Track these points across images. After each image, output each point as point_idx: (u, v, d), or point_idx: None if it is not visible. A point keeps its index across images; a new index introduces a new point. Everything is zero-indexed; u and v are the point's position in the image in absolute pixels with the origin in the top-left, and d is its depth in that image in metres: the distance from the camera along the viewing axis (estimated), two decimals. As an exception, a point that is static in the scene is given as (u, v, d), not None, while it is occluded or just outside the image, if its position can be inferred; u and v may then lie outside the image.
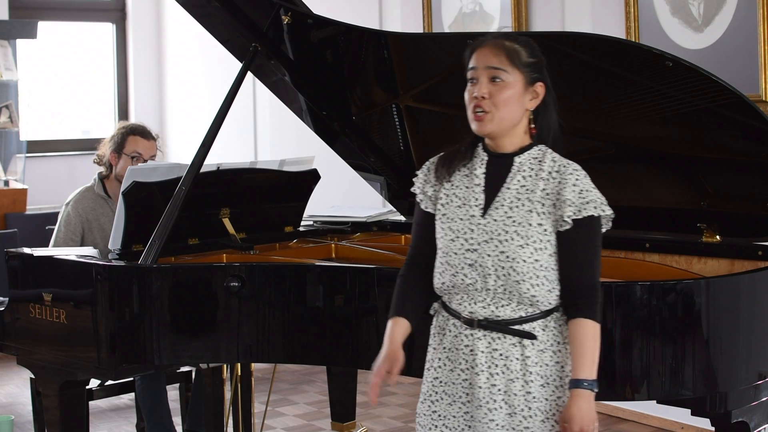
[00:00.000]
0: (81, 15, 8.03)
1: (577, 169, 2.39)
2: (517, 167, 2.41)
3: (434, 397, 2.47)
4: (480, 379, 2.37)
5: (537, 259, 2.34)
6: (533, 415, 2.35)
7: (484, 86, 2.37)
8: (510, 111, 2.38)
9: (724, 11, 4.35)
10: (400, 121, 3.81)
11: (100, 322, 3.25)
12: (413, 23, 5.82)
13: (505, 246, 2.34)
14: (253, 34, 3.75)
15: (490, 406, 2.36)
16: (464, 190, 2.44)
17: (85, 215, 4.15)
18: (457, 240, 2.40)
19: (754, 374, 2.82)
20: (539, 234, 2.35)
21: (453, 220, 2.43)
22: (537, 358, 2.36)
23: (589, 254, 2.39)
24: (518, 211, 2.36)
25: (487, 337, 2.37)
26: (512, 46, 2.40)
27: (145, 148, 4.19)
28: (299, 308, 3.24)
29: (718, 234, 3.27)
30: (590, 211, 2.35)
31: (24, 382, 5.63)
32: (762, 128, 2.86)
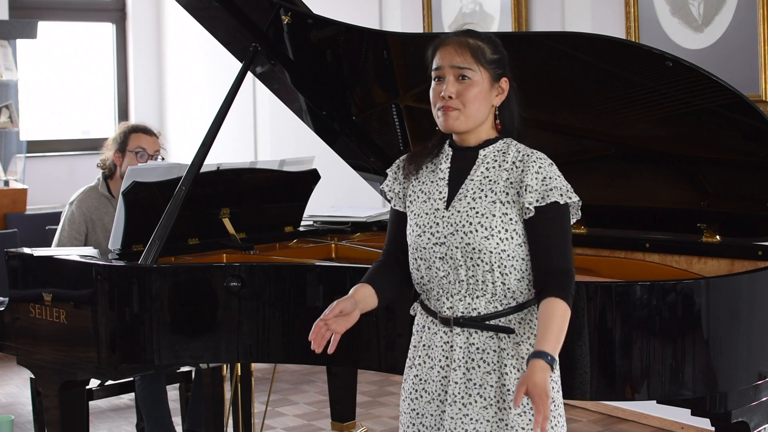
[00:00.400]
0: (81, 15, 8.03)
1: (541, 158, 2.39)
2: (481, 159, 2.43)
3: (414, 395, 2.47)
4: (456, 375, 2.37)
5: (504, 249, 2.34)
6: (508, 407, 2.34)
7: (451, 85, 2.38)
8: (477, 108, 2.39)
9: (724, 11, 4.35)
10: (400, 121, 3.81)
11: (100, 322, 3.25)
12: (413, 23, 5.82)
13: (470, 237, 2.35)
14: (253, 34, 3.75)
15: (464, 401, 2.36)
16: (429, 184, 2.46)
17: (89, 214, 4.16)
18: (424, 235, 2.42)
19: (754, 374, 2.82)
20: (504, 224, 2.35)
21: (419, 215, 2.45)
22: (513, 351, 2.36)
23: (557, 240, 2.35)
24: (481, 202, 2.37)
25: (465, 332, 2.38)
26: (476, 43, 2.41)
27: (148, 144, 4.22)
28: (299, 308, 3.24)
29: (718, 234, 3.27)
30: (554, 198, 2.34)
31: (24, 382, 5.63)
32: (762, 128, 2.86)
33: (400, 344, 3.06)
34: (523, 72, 2.49)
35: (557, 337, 2.29)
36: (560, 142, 2.53)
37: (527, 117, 2.50)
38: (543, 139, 2.52)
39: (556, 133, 3.26)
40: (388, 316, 3.07)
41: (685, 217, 3.29)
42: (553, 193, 2.34)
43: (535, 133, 2.51)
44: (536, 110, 2.51)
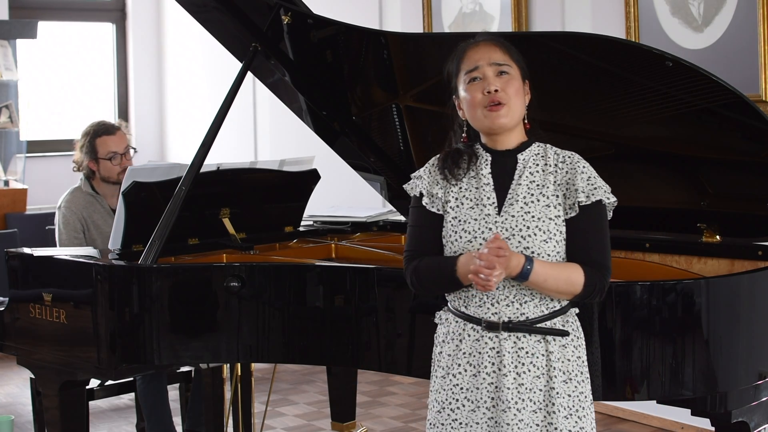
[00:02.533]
0: (81, 15, 8.03)
1: (581, 158, 2.44)
2: (522, 164, 2.43)
3: (454, 405, 2.41)
4: (507, 380, 2.34)
5: (558, 251, 2.36)
6: (557, 410, 2.34)
7: (495, 80, 2.38)
8: (519, 104, 2.41)
9: (724, 11, 4.35)
10: (400, 121, 3.81)
11: (100, 322, 3.25)
12: (413, 23, 5.82)
13: (528, 242, 2.34)
14: (253, 34, 3.75)
15: (518, 407, 2.34)
16: (474, 191, 2.43)
17: (80, 213, 4.19)
18: (475, 240, 2.38)
19: (754, 374, 2.82)
20: (557, 226, 2.37)
21: (466, 221, 2.40)
22: (559, 354, 2.37)
23: (597, 236, 2.39)
24: (535, 207, 2.37)
25: (513, 337, 2.36)
26: (507, 44, 2.45)
27: (116, 144, 4.22)
28: (299, 308, 3.24)
29: (718, 234, 3.27)
30: (598, 196, 2.38)
31: (24, 382, 5.63)
32: (762, 128, 2.85)
33: (400, 344, 3.07)
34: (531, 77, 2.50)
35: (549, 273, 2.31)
36: (560, 142, 2.52)
37: None
38: (543, 139, 2.51)
39: (556, 133, 3.25)
40: (388, 316, 3.07)
41: (685, 217, 3.29)
42: (598, 192, 2.38)
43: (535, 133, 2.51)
44: (536, 110, 2.51)
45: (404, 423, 4.94)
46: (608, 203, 2.41)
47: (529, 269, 2.29)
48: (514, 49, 2.45)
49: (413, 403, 5.24)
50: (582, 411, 2.38)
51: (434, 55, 3.59)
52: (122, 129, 4.33)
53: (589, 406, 2.41)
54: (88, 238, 4.17)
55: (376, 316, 3.08)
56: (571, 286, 2.35)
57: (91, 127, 4.30)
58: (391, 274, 3.10)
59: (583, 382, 2.40)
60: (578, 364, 2.40)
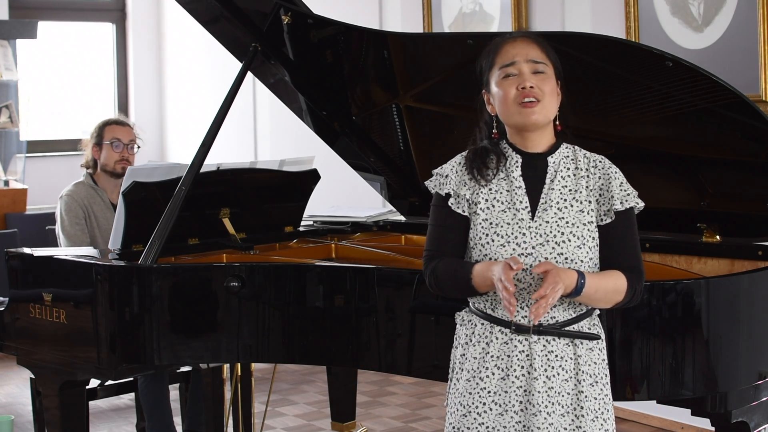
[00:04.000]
0: (81, 15, 8.03)
1: (611, 163, 2.43)
2: (554, 167, 2.40)
3: (481, 408, 2.37)
4: (538, 383, 2.33)
5: (591, 257, 2.36)
6: (585, 414, 2.34)
7: (531, 77, 2.36)
8: (553, 103, 2.39)
9: (724, 11, 4.35)
10: (400, 121, 3.81)
11: (100, 322, 3.25)
12: (413, 23, 5.82)
13: (563, 248, 2.33)
14: (253, 34, 3.75)
15: (548, 410, 2.33)
16: (505, 193, 2.40)
17: (81, 201, 4.25)
18: (509, 245, 2.35)
19: (754, 374, 2.82)
20: (590, 232, 2.36)
21: (499, 225, 2.37)
22: (587, 357, 2.37)
23: (631, 242, 2.41)
24: (568, 212, 2.36)
25: (542, 340, 2.34)
26: (544, 42, 2.43)
27: (122, 134, 4.34)
28: (299, 308, 3.24)
29: (718, 234, 3.27)
30: (631, 203, 2.39)
31: (24, 382, 5.63)
32: (762, 128, 2.85)
33: (400, 344, 3.07)
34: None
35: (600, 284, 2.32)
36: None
37: None
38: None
39: (556, 133, 3.25)
40: (388, 316, 3.07)
41: (685, 217, 3.29)
42: (630, 198, 2.39)
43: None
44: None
45: (404, 423, 4.94)
46: (638, 208, 2.42)
47: (583, 283, 2.29)
48: (550, 48, 2.43)
49: (413, 403, 5.24)
50: (607, 413, 2.38)
51: (434, 55, 3.60)
52: (134, 127, 4.44)
53: (612, 408, 2.42)
54: (88, 228, 4.20)
55: (376, 316, 3.08)
56: (617, 294, 2.36)
57: (104, 119, 4.48)
58: (391, 274, 3.10)
59: (607, 385, 2.40)
60: (603, 366, 2.40)
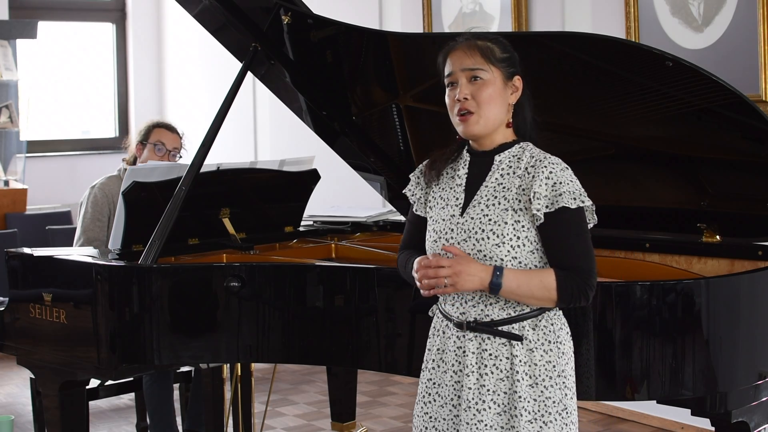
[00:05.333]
0: (81, 15, 8.04)
1: (553, 163, 2.37)
2: (497, 165, 2.43)
3: (427, 398, 2.48)
4: (470, 380, 2.37)
5: (515, 256, 2.34)
6: (519, 414, 2.33)
7: (465, 87, 2.39)
8: (494, 108, 2.40)
9: (724, 11, 4.35)
10: (400, 121, 3.81)
11: (100, 322, 3.25)
12: (413, 23, 5.82)
13: (481, 245, 2.35)
14: (253, 34, 3.75)
15: (479, 407, 2.36)
16: (447, 191, 2.48)
17: (111, 197, 4.17)
18: (439, 241, 2.43)
19: (754, 374, 2.82)
20: (516, 231, 2.35)
21: (436, 221, 2.46)
22: (526, 358, 2.35)
23: (570, 242, 2.34)
24: (494, 210, 2.37)
25: (477, 338, 2.38)
26: (484, 44, 2.43)
27: (168, 139, 4.27)
28: (299, 308, 3.24)
29: (718, 234, 3.27)
30: (563, 203, 2.32)
31: (24, 382, 5.63)
32: (762, 128, 2.86)
33: (400, 344, 3.07)
34: (523, 72, 2.49)
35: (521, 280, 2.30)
36: (560, 142, 2.53)
37: None
38: (543, 140, 2.51)
39: (556, 133, 3.25)
40: (388, 316, 3.07)
41: (685, 217, 3.29)
42: (563, 198, 2.32)
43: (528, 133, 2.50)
44: (536, 110, 2.51)
45: (404, 423, 4.94)
46: (584, 206, 2.35)
47: (500, 277, 2.30)
48: (496, 48, 2.42)
49: (413, 403, 5.23)
50: (548, 416, 2.35)
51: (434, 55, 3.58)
52: (182, 136, 4.37)
53: (559, 413, 2.36)
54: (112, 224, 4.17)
55: (376, 316, 3.08)
56: (547, 290, 2.32)
57: (156, 119, 4.42)
58: (391, 274, 3.10)
59: (552, 388, 2.36)
60: (547, 369, 2.36)
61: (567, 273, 2.33)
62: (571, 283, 2.32)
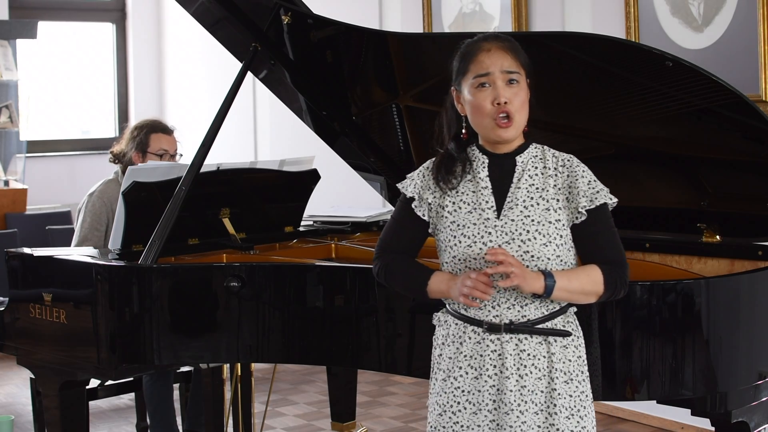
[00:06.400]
0: (81, 15, 8.04)
1: (580, 162, 2.43)
2: (521, 166, 2.41)
3: (456, 407, 2.40)
4: (510, 382, 2.34)
5: (558, 255, 2.36)
6: (558, 411, 2.34)
7: (504, 90, 2.35)
8: (524, 114, 2.40)
9: (724, 11, 4.35)
10: (400, 121, 3.81)
11: (100, 322, 3.25)
12: (413, 23, 5.82)
13: (528, 245, 2.34)
14: (253, 34, 3.75)
15: (521, 409, 2.34)
16: (471, 195, 2.42)
17: (110, 205, 4.14)
18: (475, 245, 2.36)
19: (754, 374, 2.82)
20: (557, 230, 2.36)
21: (466, 226, 2.39)
22: (561, 355, 2.37)
23: (607, 236, 2.41)
24: (534, 210, 2.37)
25: (514, 339, 2.35)
26: (515, 45, 2.42)
27: (169, 144, 4.23)
28: (299, 308, 3.24)
29: (718, 234, 3.27)
30: (602, 199, 2.39)
31: (24, 382, 5.63)
32: (762, 128, 2.86)
33: (400, 344, 3.07)
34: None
35: (572, 277, 2.33)
36: (560, 143, 2.53)
37: None
38: (543, 140, 2.51)
39: (556, 133, 3.26)
40: (388, 316, 3.07)
41: (685, 217, 3.29)
42: (600, 195, 2.39)
43: (535, 133, 2.50)
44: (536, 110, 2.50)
45: (404, 423, 4.94)
46: (611, 204, 2.42)
47: (552, 280, 2.31)
48: (521, 51, 2.42)
49: (413, 403, 5.24)
50: (583, 410, 2.38)
51: (434, 55, 3.60)
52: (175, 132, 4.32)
53: (590, 405, 2.41)
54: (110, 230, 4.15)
55: (376, 316, 3.08)
56: (595, 285, 2.36)
57: (149, 121, 4.30)
58: (391, 274, 3.09)
59: (584, 382, 2.40)
60: (579, 363, 2.40)
61: (609, 267, 2.38)
62: (614, 275, 2.38)
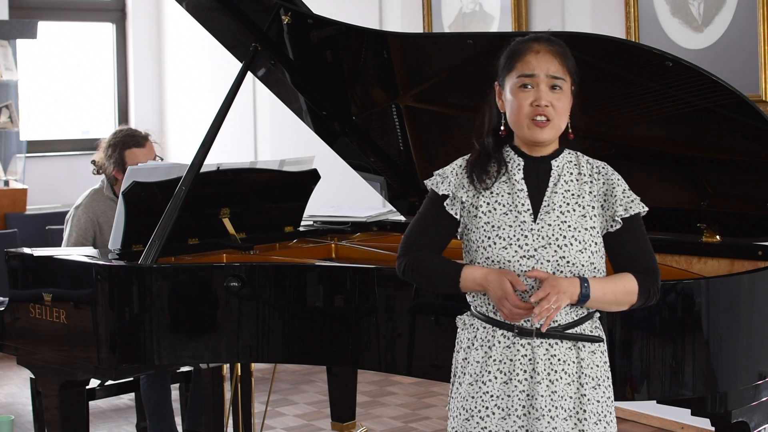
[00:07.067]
0: (81, 15, 8.03)
1: (614, 170, 2.44)
2: (557, 171, 2.41)
3: (484, 412, 2.37)
4: (541, 387, 2.33)
5: (592, 262, 2.35)
6: (588, 417, 2.34)
7: (547, 94, 2.34)
8: (565, 119, 2.38)
9: (724, 11, 4.35)
10: (400, 121, 3.81)
11: (100, 322, 3.25)
12: (413, 23, 5.82)
13: (564, 251, 2.33)
14: (253, 34, 3.75)
15: (552, 414, 2.33)
16: (506, 196, 2.40)
17: (95, 218, 4.14)
18: (510, 247, 2.35)
19: (754, 374, 2.82)
20: (593, 237, 2.36)
21: (501, 227, 2.37)
22: (589, 360, 2.37)
23: (641, 245, 2.42)
24: (571, 216, 2.36)
25: (545, 344, 2.35)
26: (564, 51, 2.38)
27: (145, 155, 4.18)
28: (299, 308, 3.24)
29: (718, 234, 3.27)
30: (636, 209, 2.40)
31: (24, 382, 5.63)
32: (762, 128, 2.86)
33: (400, 344, 3.07)
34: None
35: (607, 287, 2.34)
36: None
37: None
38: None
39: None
40: (388, 316, 3.07)
41: (685, 217, 3.29)
42: (635, 204, 2.40)
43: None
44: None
45: (404, 423, 4.94)
46: (643, 212, 2.42)
47: (587, 287, 2.31)
48: (570, 57, 2.39)
49: (413, 403, 5.24)
50: (609, 416, 2.38)
51: (434, 55, 3.60)
52: (150, 139, 4.27)
53: (614, 411, 2.42)
54: (99, 243, 4.14)
55: (376, 316, 3.08)
56: (629, 295, 2.37)
57: (120, 136, 4.22)
58: (391, 274, 3.08)
59: (609, 387, 2.41)
60: (605, 369, 2.40)
61: (643, 276, 2.38)
62: (648, 284, 2.38)
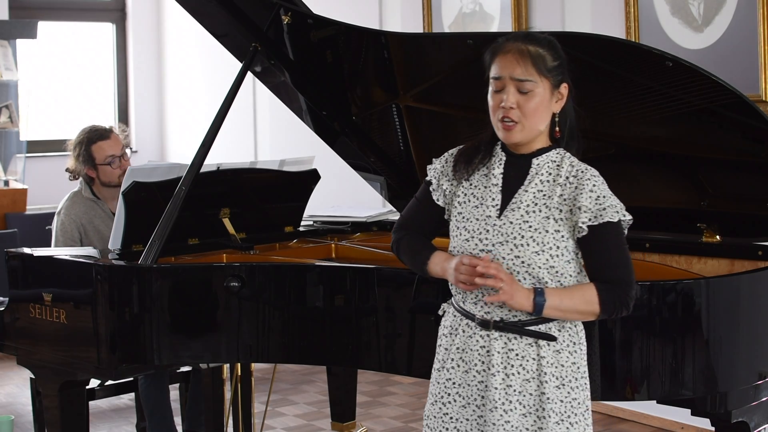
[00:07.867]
0: (81, 15, 8.03)
1: (595, 175, 2.37)
2: (536, 170, 2.40)
3: (446, 399, 2.43)
4: (495, 380, 2.34)
5: (552, 265, 2.33)
6: (548, 416, 2.33)
7: (512, 96, 2.33)
8: (538, 119, 2.36)
9: (724, 11, 4.35)
10: (400, 121, 3.81)
11: (99, 322, 3.25)
12: (413, 23, 5.82)
13: (520, 251, 2.33)
14: (253, 34, 3.75)
15: (505, 408, 2.34)
16: (482, 189, 2.42)
17: (78, 220, 4.14)
18: (472, 240, 2.38)
19: (754, 374, 2.82)
20: (555, 241, 2.33)
21: (469, 220, 2.40)
22: (552, 359, 2.35)
23: (612, 254, 2.36)
24: (535, 217, 2.35)
25: (503, 337, 2.35)
26: (537, 51, 2.35)
27: (112, 147, 4.16)
28: (299, 308, 3.24)
29: (718, 234, 3.27)
30: (607, 218, 2.33)
31: (24, 382, 5.63)
32: (762, 128, 2.86)
33: (400, 344, 3.07)
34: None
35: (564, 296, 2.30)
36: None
37: None
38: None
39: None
40: (388, 316, 3.07)
41: (685, 217, 3.29)
42: (607, 212, 2.33)
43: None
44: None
45: (404, 423, 4.94)
46: (624, 221, 2.36)
47: (542, 300, 2.29)
48: (548, 56, 2.36)
49: (413, 403, 5.24)
50: (574, 417, 2.36)
51: (434, 55, 3.60)
52: (115, 131, 4.25)
53: (583, 413, 2.39)
54: (86, 244, 4.15)
55: (376, 316, 3.08)
56: (590, 305, 2.33)
57: (83, 134, 4.19)
58: (391, 274, 3.10)
59: (578, 389, 2.38)
60: (572, 370, 2.38)
61: (608, 286, 2.34)
62: (612, 295, 2.34)
